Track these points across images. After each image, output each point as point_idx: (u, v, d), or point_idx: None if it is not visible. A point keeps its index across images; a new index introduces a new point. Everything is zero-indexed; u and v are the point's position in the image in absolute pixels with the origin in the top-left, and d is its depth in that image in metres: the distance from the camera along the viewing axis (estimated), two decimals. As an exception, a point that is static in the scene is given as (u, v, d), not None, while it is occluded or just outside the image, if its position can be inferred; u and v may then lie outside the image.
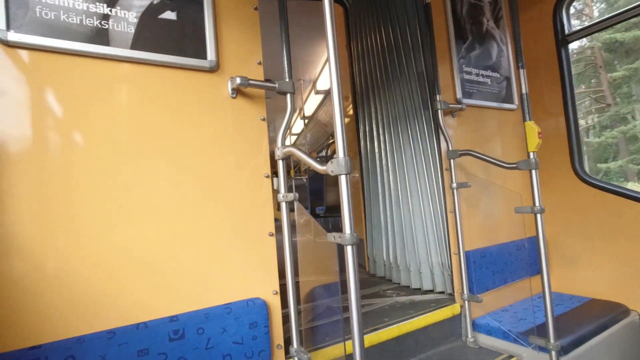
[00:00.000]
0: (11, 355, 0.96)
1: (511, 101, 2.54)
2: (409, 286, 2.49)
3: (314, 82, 5.77)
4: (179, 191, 1.27)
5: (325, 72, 5.16)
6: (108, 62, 1.18)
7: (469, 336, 2.00)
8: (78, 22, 1.13)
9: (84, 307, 1.09)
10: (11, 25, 1.03)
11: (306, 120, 7.70)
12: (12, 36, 1.03)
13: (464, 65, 2.30)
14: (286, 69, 1.48)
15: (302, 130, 8.65)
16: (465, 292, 2.03)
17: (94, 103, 1.15)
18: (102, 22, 1.17)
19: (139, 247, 1.19)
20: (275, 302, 1.42)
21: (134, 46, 1.21)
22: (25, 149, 1.05)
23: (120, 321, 1.13)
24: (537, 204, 1.74)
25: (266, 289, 1.41)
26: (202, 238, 1.30)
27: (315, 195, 5.48)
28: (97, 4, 1.17)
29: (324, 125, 7.95)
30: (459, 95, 2.22)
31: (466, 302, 2.02)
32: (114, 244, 1.15)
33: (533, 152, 1.74)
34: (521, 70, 1.80)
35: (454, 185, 2.06)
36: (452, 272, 2.14)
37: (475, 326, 2.05)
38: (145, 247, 1.20)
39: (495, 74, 2.47)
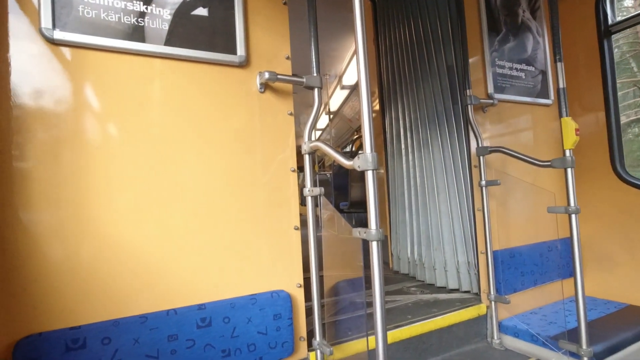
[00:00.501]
0: (54, 333, 1.03)
1: (546, 96, 2.43)
2: (433, 284, 2.45)
3: (340, 77, 5.74)
4: (207, 184, 1.31)
5: (351, 67, 5.12)
6: (143, 58, 1.23)
7: (495, 337, 1.96)
8: (116, 20, 1.18)
9: (118, 293, 1.14)
10: (56, 24, 1.09)
11: (331, 116, 7.68)
12: (58, 34, 1.09)
13: (496, 59, 2.21)
14: (314, 63, 1.48)
15: (327, 126, 8.64)
16: (492, 292, 1.98)
17: (128, 97, 1.20)
18: (139, 20, 1.21)
19: (169, 237, 1.23)
20: (299, 295, 1.44)
21: (168, 42, 1.25)
22: (66, 139, 1.11)
23: (152, 307, 1.18)
24: (572, 204, 1.67)
25: (290, 282, 1.43)
26: (229, 229, 1.33)
27: (339, 191, 5.48)
28: (134, 2, 1.21)
29: (349, 120, 7.90)
30: (490, 89, 2.15)
31: (493, 302, 1.97)
32: (145, 233, 1.20)
33: (569, 149, 1.67)
34: (558, 64, 1.72)
35: (483, 182, 2.01)
36: (478, 271, 2.09)
37: (502, 327, 1.99)
38: (174, 237, 1.24)
39: (530, 68, 2.37)
